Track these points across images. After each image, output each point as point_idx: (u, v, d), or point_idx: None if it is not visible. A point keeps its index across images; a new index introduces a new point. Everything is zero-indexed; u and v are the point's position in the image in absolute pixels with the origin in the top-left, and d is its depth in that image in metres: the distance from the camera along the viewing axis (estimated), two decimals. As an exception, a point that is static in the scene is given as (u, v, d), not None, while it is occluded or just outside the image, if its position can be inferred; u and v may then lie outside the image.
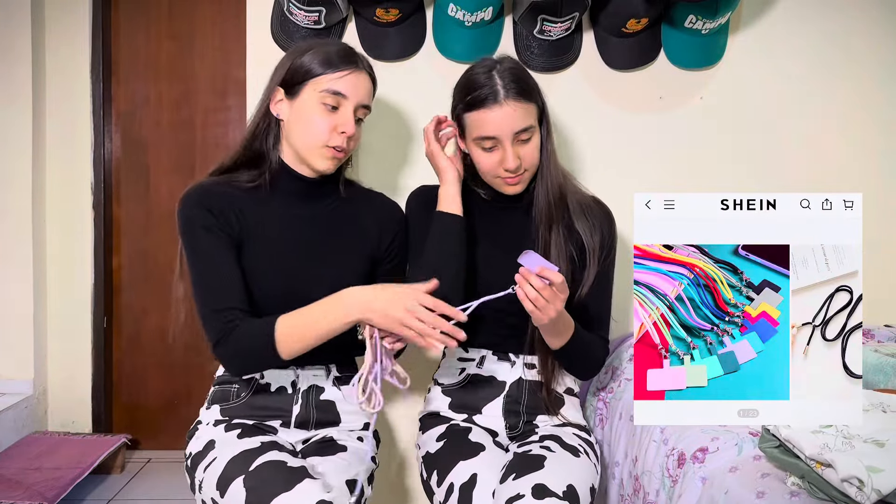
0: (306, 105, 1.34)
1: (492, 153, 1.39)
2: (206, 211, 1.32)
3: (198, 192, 1.35)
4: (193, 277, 1.31)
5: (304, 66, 1.35)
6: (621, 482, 1.55)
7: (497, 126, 1.36)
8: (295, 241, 1.39)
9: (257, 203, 1.38)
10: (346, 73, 1.34)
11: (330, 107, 1.34)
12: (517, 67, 1.41)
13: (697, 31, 1.80)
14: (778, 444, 1.12)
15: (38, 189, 2.65)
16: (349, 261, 1.43)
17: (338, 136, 1.34)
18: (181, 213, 1.33)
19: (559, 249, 1.43)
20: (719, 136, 1.94)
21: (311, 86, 1.34)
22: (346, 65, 1.34)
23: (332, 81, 1.33)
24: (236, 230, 1.34)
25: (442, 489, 1.34)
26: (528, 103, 1.37)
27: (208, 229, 1.31)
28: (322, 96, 1.33)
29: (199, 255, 1.31)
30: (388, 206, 1.52)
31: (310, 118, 1.34)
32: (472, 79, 1.40)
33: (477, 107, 1.37)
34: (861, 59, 1.96)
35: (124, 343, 2.85)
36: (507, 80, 1.36)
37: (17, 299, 2.62)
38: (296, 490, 1.16)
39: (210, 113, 2.81)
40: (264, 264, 1.36)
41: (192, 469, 1.32)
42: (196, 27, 2.79)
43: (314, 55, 1.35)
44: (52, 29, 2.66)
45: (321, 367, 1.43)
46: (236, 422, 1.36)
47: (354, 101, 1.35)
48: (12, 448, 2.43)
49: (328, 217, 1.43)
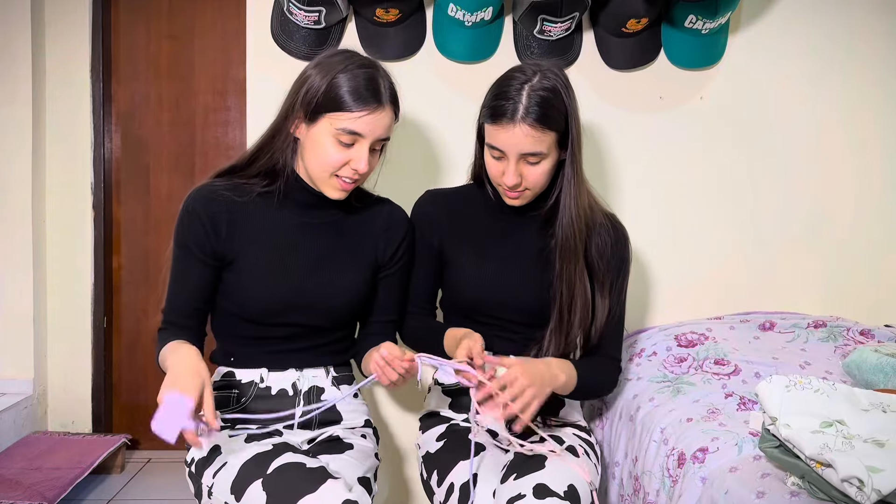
0: (321, 136, 1.30)
1: (499, 162, 1.39)
2: (198, 222, 1.34)
3: (198, 198, 1.36)
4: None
5: (325, 97, 1.28)
6: (621, 482, 1.55)
7: (504, 143, 1.35)
8: (301, 248, 1.39)
9: (265, 209, 1.38)
10: (365, 114, 1.28)
11: (345, 143, 1.29)
12: (551, 89, 1.34)
13: (697, 31, 1.80)
14: (778, 444, 1.12)
15: (38, 189, 2.65)
16: (354, 268, 1.43)
17: (349, 171, 1.32)
18: (178, 219, 1.37)
19: (582, 284, 1.42)
20: (719, 136, 1.94)
21: (329, 119, 1.28)
22: (367, 103, 1.27)
23: (350, 121, 1.27)
24: (225, 245, 1.36)
25: (442, 489, 1.34)
26: (544, 131, 1.33)
27: (190, 243, 1.35)
28: (338, 133, 1.28)
29: (175, 260, 1.39)
30: (394, 213, 1.50)
31: (324, 150, 1.30)
32: (505, 85, 1.36)
33: (494, 119, 1.35)
34: (861, 59, 1.96)
35: (124, 343, 2.85)
36: (533, 101, 1.32)
37: (17, 299, 2.61)
38: (321, 490, 1.15)
39: (210, 113, 2.80)
40: (267, 270, 1.36)
41: (198, 475, 1.30)
42: (196, 27, 2.79)
43: (337, 86, 1.27)
44: (52, 29, 2.66)
45: (320, 368, 1.43)
46: (239, 427, 1.36)
47: (371, 139, 1.30)
48: (12, 448, 2.43)
49: (335, 224, 1.43)
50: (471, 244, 1.50)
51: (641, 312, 1.96)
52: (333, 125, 1.28)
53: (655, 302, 1.96)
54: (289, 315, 1.36)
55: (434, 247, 1.51)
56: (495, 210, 1.51)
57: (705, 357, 1.66)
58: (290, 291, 1.36)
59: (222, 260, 1.37)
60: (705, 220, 1.96)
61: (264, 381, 1.39)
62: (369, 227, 1.46)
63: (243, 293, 1.36)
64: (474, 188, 1.56)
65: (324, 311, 1.38)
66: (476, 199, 1.53)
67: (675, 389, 1.55)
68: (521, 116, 1.32)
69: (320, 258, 1.40)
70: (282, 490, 1.17)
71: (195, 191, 1.37)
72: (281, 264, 1.37)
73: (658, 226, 1.94)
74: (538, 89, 1.33)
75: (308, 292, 1.37)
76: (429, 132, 1.86)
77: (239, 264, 1.36)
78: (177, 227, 1.37)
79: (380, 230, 1.46)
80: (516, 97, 1.33)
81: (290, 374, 1.40)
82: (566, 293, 1.42)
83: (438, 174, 1.86)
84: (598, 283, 1.45)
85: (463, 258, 1.49)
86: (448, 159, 1.86)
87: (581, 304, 1.42)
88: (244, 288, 1.36)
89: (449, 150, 1.86)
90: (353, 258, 1.43)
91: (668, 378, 1.62)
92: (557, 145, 1.38)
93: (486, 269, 1.48)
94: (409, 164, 1.86)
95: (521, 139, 1.33)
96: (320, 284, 1.38)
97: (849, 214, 1.99)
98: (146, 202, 2.82)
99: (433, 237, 1.51)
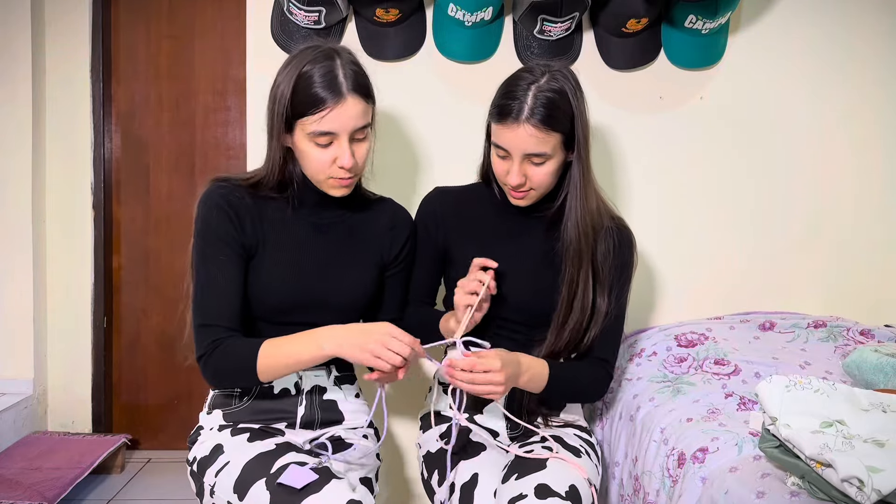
0: (300, 143, 1.31)
1: (503, 161, 1.39)
2: (225, 215, 1.32)
3: (220, 193, 1.34)
4: (195, 283, 1.32)
5: (290, 106, 1.28)
6: (621, 482, 1.55)
7: (508, 142, 1.36)
8: (311, 249, 1.39)
9: (277, 210, 1.38)
10: (328, 111, 1.26)
11: (322, 144, 1.29)
12: (558, 90, 1.34)
13: (697, 31, 1.80)
14: (778, 444, 1.12)
15: (38, 189, 2.65)
16: (362, 267, 1.43)
17: (338, 169, 1.32)
18: (200, 213, 1.33)
19: (585, 287, 1.42)
20: (719, 136, 1.94)
21: (300, 126, 1.29)
22: (325, 102, 1.26)
23: (315, 123, 1.27)
24: (251, 239, 1.34)
25: (443, 489, 1.34)
26: (549, 132, 1.33)
27: (222, 238, 1.31)
28: (311, 137, 1.28)
29: (206, 263, 1.31)
30: (398, 212, 1.51)
31: (307, 155, 1.31)
32: (513, 84, 1.37)
33: (500, 118, 1.36)
34: (861, 59, 1.96)
35: (124, 343, 2.85)
36: (539, 102, 1.32)
37: (17, 299, 2.61)
38: (325, 491, 1.16)
39: (210, 113, 2.80)
40: (281, 271, 1.36)
41: (200, 474, 1.31)
42: (196, 27, 2.79)
43: (296, 91, 1.27)
44: (52, 29, 2.66)
45: (322, 368, 1.43)
46: (242, 426, 1.36)
47: (346, 133, 1.29)
48: (12, 448, 2.43)
49: (342, 225, 1.43)
50: (476, 243, 1.50)
51: (642, 312, 1.96)
52: (305, 131, 1.29)
53: (655, 302, 1.96)
54: (297, 314, 1.36)
55: (438, 244, 1.52)
56: (502, 210, 1.51)
57: (705, 357, 1.66)
58: (301, 291, 1.37)
59: (249, 253, 1.35)
60: (705, 220, 1.96)
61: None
62: (375, 227, 1.46)
63: (256, 292, 1.36)
64: (482, 187, 1.56)
65: (331, 311, 1.38)
66: (484, 198, 1.54)
67: (675, 389, 1.55)
68: (525, 116, 1.32)
69: (330, 258, 1.40)
70: (285, 490, 1.17)
71: (209, 189, 1.35)
72: (293, 264, 1.37)
73: (658, 226, 1.94)
74: (545, 90, 1.33)
75: (318, 292, 1.38)
76: (429, 132, 1.86)
77: (257, 265, 1.36)
78: (200, 229, 1.33)
79: (385, 229, 1.47)
80: (522, 97, 1.33)
81: (292, 375, 1.40)
82: (567, 296, 1.42)
83: (438, 174, 1.86)
84: (601, 287, 1.45)
85: (468, 256, 1.49)
86: (448, 159, 1.86)
87: (580, 308, 1.42)
88: (259, 287, 1.35)
89: (449, 149, 1.85)
90: (360, 257, 1.44)
91: (668, 378, 1.62)
92: (563, 147, 1.37)
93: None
94: (409, 164, 1.86)
95: (525, 139, 1.33)
96: (330, 284, 1.39)
97: (849, 214, 2.00)
98: (146, 202, 2.82)
99: (438, 234, 1.51)
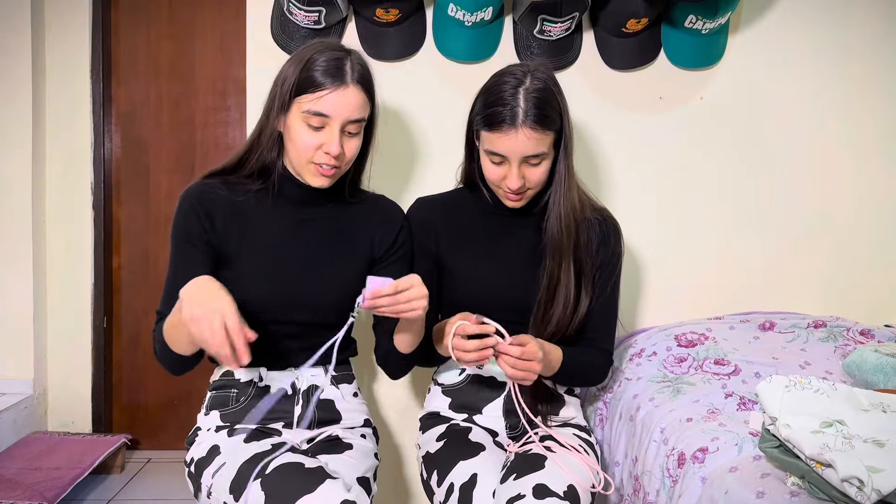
0: (293, 121, 1.31)
1: (499, 167, 1.39)
2: (194, 214, 1.34)
3: (194, 195, 1.36)
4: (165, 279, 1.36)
5: (289, 82, 1.30)
6: (621, 482, 1.55)
7: (507, 149, 1.35)
8: (295, 246, 1.39)
9: (259, 207, 1.38)
10: (327, 93, 1.28)
11: (314, 126, 1.30)
12: (545, 89, 1.35)
13: (697, 31, 1.80)
14: (778, 444, 1.12)
15: (38, 189, 2.65)
16: (350, 263, 1.43)
17: (323, 155, 1.31)
18: (175, 215, 1.36)
19: (566, 279, 1.42)
20: (719, 136, 1.94)
21: (297, 103, 1.30)
22: (328, 83, 1.28)
23: (312, 102, 1.28)
24: (225, 239, 1.35)
25: (442, 489, 1.34)
26: (545, 132, 1.34)
27: (188, 237, 1.34)
28: (305, 116, 1.29)
29: (172, 260, 1.36)
30: (388, 207, 1.50)
31: (297, 136, 1.31)
32: (497, 90, 1.36)
33: (493, 126, 1.35)
34: (861, 59, 1.96)
35: (124, 343, 2.85)
36: (530, 104, 1.32)
37: (17, 299, 2.62)
38: (319, 491, 1.15)
39: (210, 113, 2.80)
40: (264, 269, 1.36)
41: (197, 475, 1.31)
42: (196, 27, 2.79)
43: (299, 70, 1.29)
44: (52, 28, 2.66)
45: (318, 367, 1.43)
46: (239, 426, 1.36)
47: (340, 120, 1.29)
48: (12, 448, 2.43)
49: (328, 221, 1.43)
50: (468, 248, 1.50)
51: (642, 312, 1.95)
52: (300, 108, 1.30)
53: (655, 302, 1.96)
54: (286, 313, 1.36)
55: (432, 252, 1.51)
56: (489, 213, 1.51)
57: (705, 357, 1.66)
58: (288, 290, 1.36)
59: (219, 254, 1.36)
60: (705, 220, 1.95)
61: (263, 380, 1.39)
62: (364, 221, 1.46)
63: (242, 292, 1.35)
64: (465, 192, 1.56)
65: (321, 308, 1.38)
66: (469, 203, 1.54)
67: (675, 389, 1.55)
68: (521, 121, 1.32)
69: (316, 255, 1.40)
70: (279, 490, 1.16)
71: (189, 188, 1.38)
72: (278, 263, 1.37)
73: (658, 226, 1.93)
74: (532, 91, 1.34)
75: (305, 290, 1.37)
76: (429, 132, 1.86)
77: (237, 263, 1.36)
78: (174, 226, 1.36)
79: (375, 224, 1.46)
80: (513, 101, 1.33)
81: (288, 373, 1.40)
82: (548, 287, 1.42)
83: (438, 174, 1.85)
84: (585, 278, 1.45)
85: (461, 262, 1.49)
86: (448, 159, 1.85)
87: (562, 299, 1.42)
88: (243, 287, 1.35)
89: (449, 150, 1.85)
90: (348, 253, 1.43)
91: (668, 378, 1.62)
92: (555, 143, 1.38)
93: (484, 271, 1.48)
94: (409, 164, 1.86)
95: (524, 143, 1.33)
96: (317, 282, 1.38)
97: (849, 214, 1.99)
98: (146, 202, 2.82)
99: (430, 242, 1.51)
